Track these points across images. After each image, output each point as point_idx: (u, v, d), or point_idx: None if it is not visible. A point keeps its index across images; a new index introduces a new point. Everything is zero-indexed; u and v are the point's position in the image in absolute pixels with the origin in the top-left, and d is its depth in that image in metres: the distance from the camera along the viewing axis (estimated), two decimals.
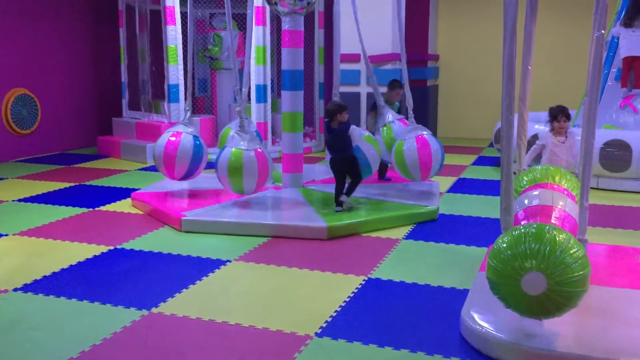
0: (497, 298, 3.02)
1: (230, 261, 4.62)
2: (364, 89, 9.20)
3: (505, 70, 3.08)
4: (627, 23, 7.61)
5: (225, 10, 5.84)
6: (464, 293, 3.89)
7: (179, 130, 6.18)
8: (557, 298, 2.81)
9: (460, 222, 5.79)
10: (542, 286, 2.78)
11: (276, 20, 9.66)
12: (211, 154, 7.93)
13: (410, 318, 3.62)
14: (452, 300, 3.85)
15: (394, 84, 7.18)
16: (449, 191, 7.14)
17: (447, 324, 3.52)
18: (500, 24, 3.21)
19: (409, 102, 6.63)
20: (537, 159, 5.53)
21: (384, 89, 9.11)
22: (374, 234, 5.33)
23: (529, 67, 3.99)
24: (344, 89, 9.35)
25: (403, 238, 5.23)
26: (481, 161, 9.23)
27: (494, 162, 8.99)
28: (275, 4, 6.08)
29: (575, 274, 2.77)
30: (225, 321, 3.56)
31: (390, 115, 6.67)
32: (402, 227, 5.53)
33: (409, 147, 6.04)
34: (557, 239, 2.83)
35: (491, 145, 10.34)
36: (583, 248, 2.91)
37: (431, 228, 5.55)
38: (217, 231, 5.30)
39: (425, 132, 6.23)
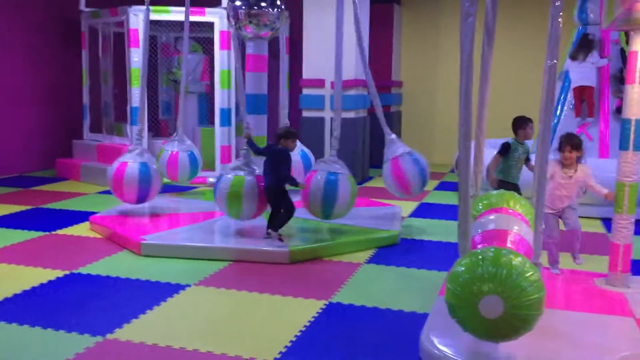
0: (455, 322, 3.04)
1: (190, 286, 4.55)
2: (328, 114, 9.26)
3: (462, 99, 3.16)
4: (573, 56, 7.95)
5: (191, 34, 5.85)
6: (424, 317, 3.90)
7: (126, 160, 6.20)
8: (513, 321, 2.83)
9: (421, 247, 5.84)
10: (499, 309, 2.81)
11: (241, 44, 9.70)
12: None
13: (370, 342, 3.62)
14: (412, 324, 3.85)
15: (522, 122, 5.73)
16: (410, 216, 7.20)
17: (407, 348, 3.53)
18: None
19: (384, 125, 6.60)
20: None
21: (345, 114, 9.25)
22: (335, 258, 5.33)
23: (486, 95, 4.10)
24: (308, 113, 9.44)
25: (365, 262, 5.24)
26: (443, 186, 9.36)
27: (455, 187, 9.11)
28: (240, 28, 6.12)
29: (531, 297, 2.81)
30: (183, 347, 3.49)
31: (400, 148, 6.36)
32: (364, 252, 5.54)
33: (385, 172, 6.20)
34: (513, 262, 2.87)
35: (452, 171, 10.51)
36: (538, 271, 2.96)
37: (392, 252, 5.58)
38: (177, 255, 5.23)
39: (400, 153, 6.17)
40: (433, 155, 11.84)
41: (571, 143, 4.56)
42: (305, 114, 9.45)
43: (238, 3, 5.96)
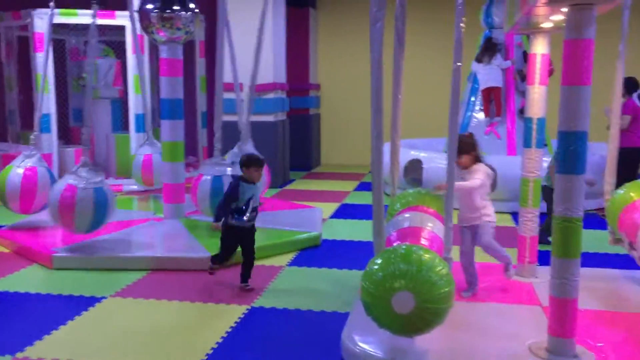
0: (371, 319, 3.11)
1: (105, 298, 4.40)
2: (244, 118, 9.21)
3: (373, 101, 3.23)
4: (478, 59, 8.35)
5: (100, 38, 5.67)
6: (345, 316, 3.95)
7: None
8: (425, 315, 2.93)
9: (343, 247, 5.92)
10: (411, 304, 2.90)
11: (155, 48, 9.48)
12: None
13: (292, 345, 3.63)
14: (333, 324, 3.89)
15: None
16: (332, 217, 7.29)
17: (329, 348, 3.57)
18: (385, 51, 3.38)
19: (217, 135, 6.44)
20: None
21: (263, 117, 9.26)
22: (257, 262, 5.28)
23: (399, 97, 4.21)
24: (226, 118, 9.34)
25: (286, 265, 5.25)
26: (363, 187, 9.52)
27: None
28: (153, 32, 5.98)
29: (441, 291, 2.92)
30: None
31: None
32: (286, 254, 5.56)
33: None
34: (423, 258, 2.97)
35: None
36: (447, 266, 3.08)
37: (314, 254, 5.63)
38: (91, 267, 5.04)
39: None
40: (353, 156, 12.04)
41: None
42: (224, 117, 9.33)
43: (150, 6, 5.83)
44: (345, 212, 7.63)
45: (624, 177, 5.49)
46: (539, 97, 4.29)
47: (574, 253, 3.08)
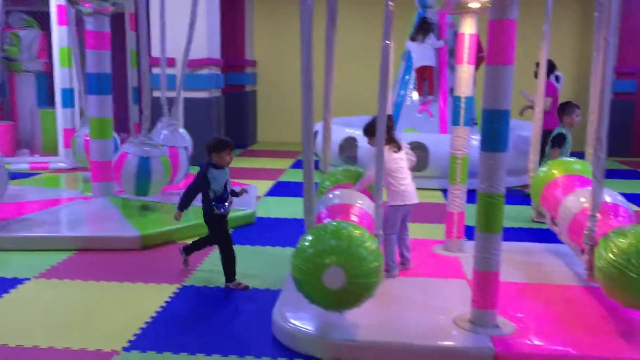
0: (302, 295, 3.13)
1: (29, 279, 4.24)
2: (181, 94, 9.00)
3: (303, 79, 3.21)
4: (412, 38, 8.43)
5: (23, 7, 5.38)
6: (277, 294, 3.96)
7: None
8: (355, 290, 2.99)
9: (277, 225, 5.92)
10: (342, 280, 2.95)
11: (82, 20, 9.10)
12: (9, 164, 7.23)
13: (223, 323, 3.62)
14: (266, 301, 3.90)
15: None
16: (267, 195, 7.27)
17: (261, 325, 3.57)
18: (319, 30, 3.36)
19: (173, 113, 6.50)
20: None
21: (196, 94, 9.07)
22: (190, 241, 5.22)
23: (331, 74, 4.21)
24: (159, 94, 9.09)
25: None
26: (298, 164, 9.52)
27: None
28: (77, 3, 5.73)
29: (371, 266, 2.99)
30: (20, 345, 3.25)
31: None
32: None
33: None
34: (353, 234, 3.02)
35: None
36: (376, 241, 3.15)
37: (248, 232, 5.60)
38: (14, 247, 4.84)
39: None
40: (289, 133, 11.99)
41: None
42: (156, 94, 9.10)
43: None
44: (280, 189, 7.63)
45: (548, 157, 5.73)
46: (466, 76, 4.38)
47: (496, 228, 3.19)
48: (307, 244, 3.06)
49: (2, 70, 9.29)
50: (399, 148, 4.05)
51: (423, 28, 8.31)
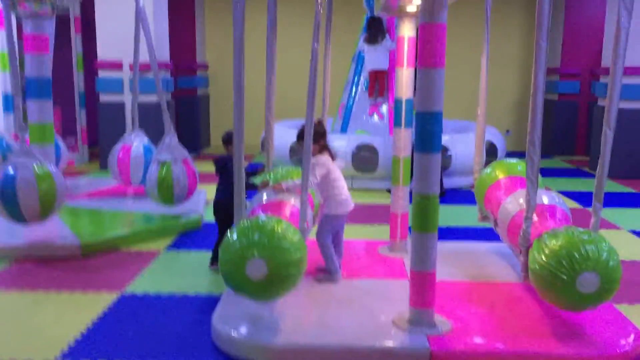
0: (229, 287, 3.21)
1: None
2: (127, 98, 8.85)
3: (235, 80, 3.21)
4: (370, 40, 8.36)
5: None
6: (219, 299, 3.93)
7: None
8: (277, 280, 3.09)
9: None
10: (263, 271, 3.03)
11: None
12: None
13: (163, 330, 3.55)
14: (208, 308, 3.85)
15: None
16: None
17: (201, 331, 3.53)
18: (264, 33, 3.34)
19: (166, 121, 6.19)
20: None
21: (145, 98, 8.93)
22: (134, 248, 5.15)
23: (272, 77, 4.21)
24: (106, 97, 8.93)
25: (164, 249, 5.13)
26: (251, 167, 9.44)
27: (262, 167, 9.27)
28: (14, 5, 5.56)
29: (292, 257, 3.09)
30: None
31: None
32: (165, 239, 5.43)
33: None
34: (276, 228, 3.12)
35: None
36: (300, 234, 3.24)
37: (194, 237, 5.53)
38: None
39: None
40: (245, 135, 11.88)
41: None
42: (103, 97, 8.93)
43: None
44: None
45: None
46: (406, 79, 4.42)
47: (431, 227, 3.23)
48: (232, 238, 3.14)
49: None
50: (332, 157, 4.01)
51: (379, 30, 8.24)
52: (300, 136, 3.93)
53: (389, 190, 5.16)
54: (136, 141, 6.81)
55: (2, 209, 4.63)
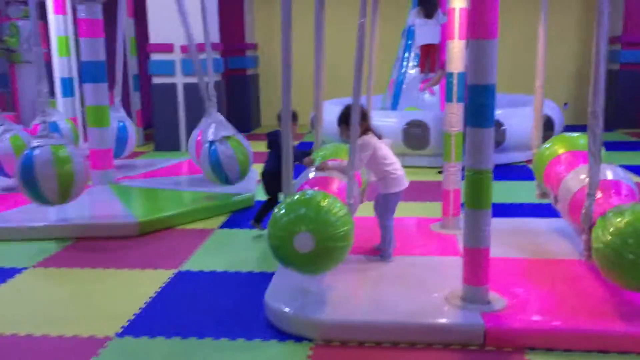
0: (277, 260, 3.28)
1: (26, 269, 4.28)
2: (179, 79, 9.00)
3: (284, 56, 3.22)
4: (427, 14, 8.15)
5: None
6: (272, 276, 3.97)
7: None
8: (324, 253, 3.13)
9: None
10: (311, 244, 3.08)
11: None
12: None
13: (217, 307, 3.63)
14: (260, 284, 3.89)
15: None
16: None
17: (254, 308, 3.58)
18: (313, 11, 3.38)
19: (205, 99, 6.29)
20: None
21: (196, 79, 9.02)
22: (188, 226, 5.26)
23: (322, 55, 4.18)
24: (159, 80, 9.10)
25: (217, 228, 5.22)
26: (301, 146, 9.48)
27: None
28: None
29: (338, 230, 3.12)
30: (15, 333, 3.29)
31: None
32: (218, 217, 5.52)
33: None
34: (322, 203, 3.16)
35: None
36: (345, 208, 3.25)
37: (247, 215, 5.58)
38: (12, 238, 4.89)
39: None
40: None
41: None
42: (155, 80, 9.10)
43: None
44: None
45: None
46: (458, 52, 4.31)
47: (485, 204, 3.16)
48: (280, 213, 3.20)
49: (3, 62, 9.33)
50: (378, 137, 3.88)
51: (433, 3, 8.07)
52: (340, 121, 3.84)
53: (440, 172, 5.08)
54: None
55: (23, 190, 4.70)
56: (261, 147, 5.65)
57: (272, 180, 4.73)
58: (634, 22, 10.41)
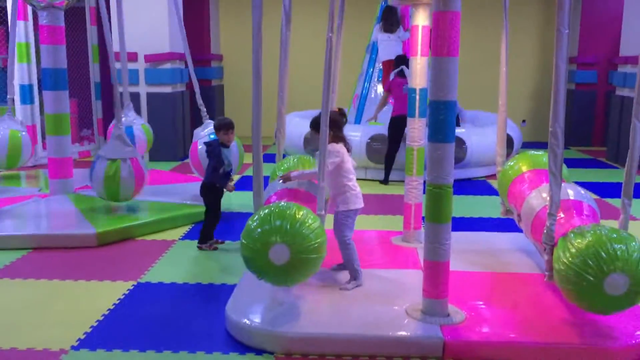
0: (251, 272, 3.26)
1: None
2: (142, 89, 8.91)
3: (254, 68, 3.23)
4: (387, 29, 8.32)
5: None
6: (233, 289, 3.95)
7: None
8: (299, 265, 3.15)
9: (238, 219, 5.88)
10: (286, 256, 3.10)
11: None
12: None
13: (177, 319, 3.59)
14: (221, 296, 3.87)
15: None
16: None
17: (214, 320, 3.56)
18: (279, 25, 3.46)
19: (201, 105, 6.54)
20: None
21: (159, 88, 8.98)
22: (149, 237, 5.19)
23: (286, 68, 4.21)
24: (122, 89, 8.96)
25: (179, 239, 5.17)
26: (266, 158, 9.43)
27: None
28: None
29: (313, 243, 3.15)
30: None
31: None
32: (180, 228, 5.47)
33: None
34: (297, 215, 3.17)
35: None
36: (319, 220, 3.28)
37: None
38: None
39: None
40: None
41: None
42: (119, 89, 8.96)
43: None
44: (246, 183, 7.56)
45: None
46: (420, 68, 4.39)
47: (445, 218, 3.22)
48: (254, 224, 3.20)
49: None
50: (348, 149, 3.80)
51: (394, 19, 8.22)
52: (313, 124, 3.82)
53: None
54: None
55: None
56: None
57: (208, 193, 4.83)
58: (588, 43, 10.77)
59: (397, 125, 7.26)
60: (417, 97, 4.46)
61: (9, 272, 4.31)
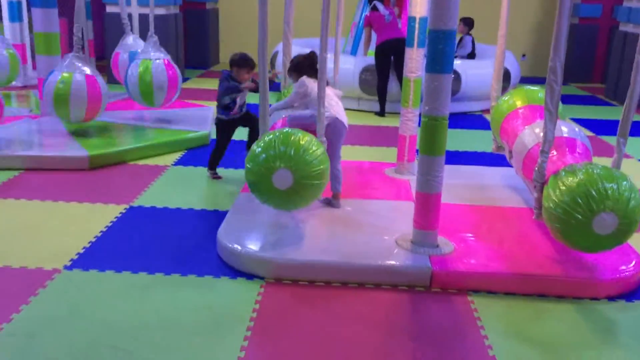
0: (255, 196, 3.33)
1: None
2: (134, 10, 8.65)
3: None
4: None
5: None
6: (225, 215, 3.97)
7: None
8: (302, 190, 3.22)
9: (232, 146, 5.82)
10: (289, 181, 3.16)
11: None
12: None
13: (169, 243, 3.62)
14: (213, 222, 3.90)
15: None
16: None
17: (206, 245, 3.59)
18: None
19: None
20: None
21: (156, 10, 8.70)
22: (141, 162, 5.17)
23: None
24: (112, 9, 8.73)
25: (172, 165, 5.16)
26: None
27: (277, 86, 9.14)
28: None
29: (315, 169, 3.21)
30: None
31: None
32: (172, 154, 5.44)
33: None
34: (301, 141, 3.22)
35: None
36: (322, 147, 3.33)
37: (202, 153, 5.53)
38: None
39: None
40: (253, 52, 11.65)
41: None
42: (109, 9, 8.72)
43: None
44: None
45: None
46: None
47: (439, 150, 3.20)
48: (259, 149, 3.25)
49: None
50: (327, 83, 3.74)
51: None
52: (291, 69, 4.00)
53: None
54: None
55: None
56: (216, 84, 5.53)
57: (216, 123, 4.82)
58: None
59: (383, 53, 7.27)
60: (417, 25, 4.34)
61: (1, 192, 4.30)
